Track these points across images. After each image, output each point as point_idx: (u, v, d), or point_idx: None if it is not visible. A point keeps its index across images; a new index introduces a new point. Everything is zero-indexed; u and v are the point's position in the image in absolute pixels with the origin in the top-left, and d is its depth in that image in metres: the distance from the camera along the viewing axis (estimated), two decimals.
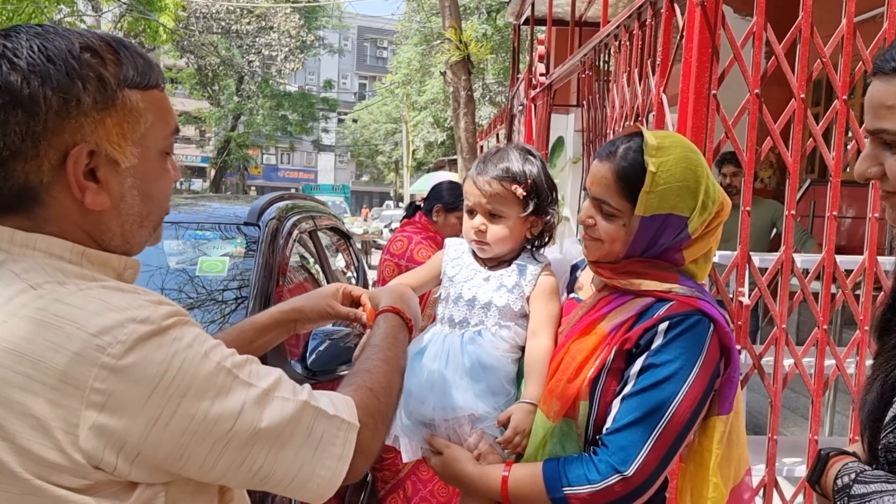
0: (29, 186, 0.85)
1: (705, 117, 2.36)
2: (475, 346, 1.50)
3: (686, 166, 1.32)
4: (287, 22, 24.71)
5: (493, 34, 19.19)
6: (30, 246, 0.86)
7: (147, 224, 0.95)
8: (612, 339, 1.34)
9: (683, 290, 1.34)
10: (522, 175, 1.52)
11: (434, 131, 27.74)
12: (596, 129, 3.82)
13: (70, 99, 0.83)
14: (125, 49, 0.90)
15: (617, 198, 1.34)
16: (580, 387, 1.33)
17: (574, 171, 6.82)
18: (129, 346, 0.78)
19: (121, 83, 0.88)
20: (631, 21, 3.05)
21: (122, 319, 0.79)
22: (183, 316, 0.85)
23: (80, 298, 0.81)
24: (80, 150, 0.85)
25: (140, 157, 0.91)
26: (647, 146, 1.32)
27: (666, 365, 1.28)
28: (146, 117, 0.90)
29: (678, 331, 1.29)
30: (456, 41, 6.92)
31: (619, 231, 1.36)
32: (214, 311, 2.41)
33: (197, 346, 0.83)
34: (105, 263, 0.91)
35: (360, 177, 49.75)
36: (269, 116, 29.91)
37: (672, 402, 1.27)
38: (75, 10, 17.14)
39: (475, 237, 1.55)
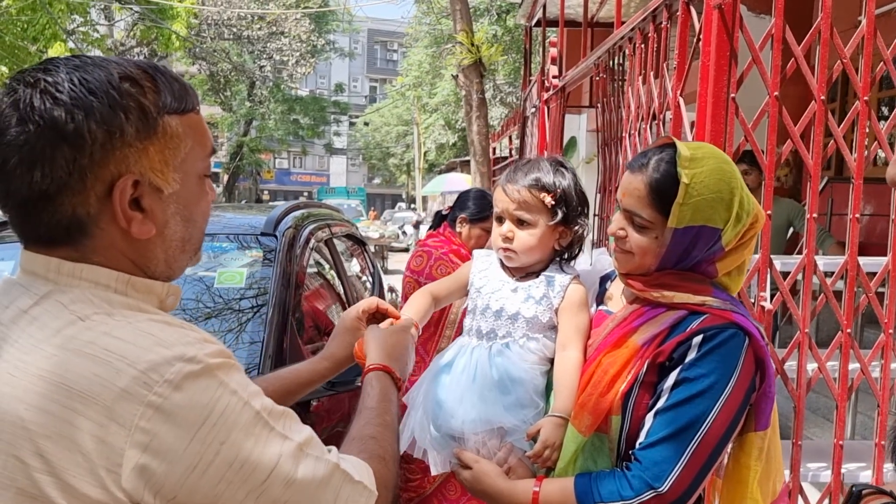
0: (77, 219, 0.86)
1: (724, 121, 2.34)
2: (503, 358, 1.49)
3: (720, 177, 1.31)
4: (298, 27, 24.83)
5: (504, 35, 19.16)
6: (76, 276, 0.87)
7: (188, 248, 0.96)
8: (645, 353, 1.32)
9: (717, 303, 1.32)
10: (552, 185, 1.52)
11: (445, 133, 27.73)
12: (611, 130, 3.80)
13: (114, 131, 0.84)
14: (161, 75, 0.91)
15: (649, 210, 1.33)
16: (612, 401, 1.32)
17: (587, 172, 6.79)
18: (176, 386, 0.79)
19: (160, 110, 0.88)
20: (645, 24, 3.03)
21: (170, 357, 0.79)
22: (229, 358, 0.85)
23: (129, 332, 0.81)
24: (126, 181, 0.86)
25: (182, 183, 0.91)
26: (681, 157, 1.31)
27: (700, 379, 1.26)
28: (186, 142, 0.91)
29: (713, 344, 1.28)
30: (467, 44, 6.91)
31: (651, 243, 1.35)
32: (233, 321, 2.42)
33: (241, 391, 0.84)
34: (150, 290, 0.92)
35: (372, 179, 49.82)
36: (280, 121, 30.06)
37: (707, 417, 1.25)
38: (88, 20, 17.28)
39: (502, 244, 1.55)
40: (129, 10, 18.13)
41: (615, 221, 1.41)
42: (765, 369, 1.32)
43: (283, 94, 29.07)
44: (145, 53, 21.95)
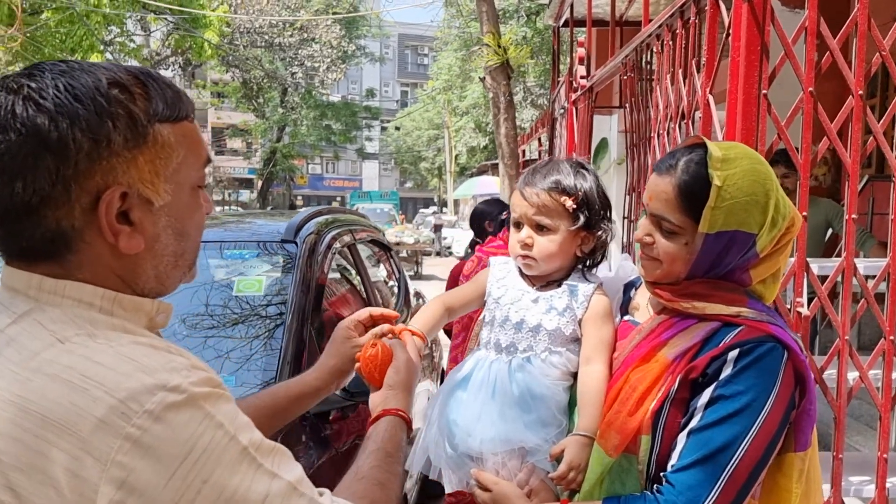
0: (61, 233, 0.81)
1: (755, 119, 2.24)
2: (524, 373, 1.41)
3: (754, 179, 1.23)
4: (328, 33, 25.05)
5: (533, 37, 19.05)
6: (59, 293, 0.82)
7: (181, 263, 0.91)
8: (676, 368, 1.24)
9: (753, 314, 1.24)
10: (573, 187, 1.44)
11: (476, 136, 27.71)
12: (640, 131, 3.70)
13: (101, 140, 0.79)
14: (153, 81, 0.86)
15: (678, 214, 1.26)
16: (642, 420, 1.24)
17: (618, 173, 6.68)
18: (157, 417, 0.73)
19: (151, 118, 0.83)
20: (673, 20, 2.94)
21: (151, 385, 0.74)
22: (217, 387, 0.80)
23: (110, 356, 0.76)
24: (113, 194, 0.81)
25: (173, 194, 0.86)
26: (712, 158, 1.23)
27: (737, 397, 1.18)
28: (178, 152, 0.86)
29: (750, 359, 1.20)
30: (494, 46, 6.85)
31: (680, 250, 1.27)
32: (252, 329, 2.40)
33: (228, 424, 0.78)
34: (138, 308, 0.87)
35: (403, 183, 50.02)
36: (313, 126, 30.39)
37: (744, 438, 1.17)
38: (125, 31, 17.66)
39: (521, 251, 1.46)
40: (164, 21, 18.46)
41: (641, 227, 1.33)
42: (805, 385, 1.23)
43: (314, 99, 29.38)
44: (180, 62, 22.37)
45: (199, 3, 16.96)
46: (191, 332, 2.36)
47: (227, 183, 37.19)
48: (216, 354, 2.27)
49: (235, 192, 38.16)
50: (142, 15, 18.13)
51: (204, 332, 2.36)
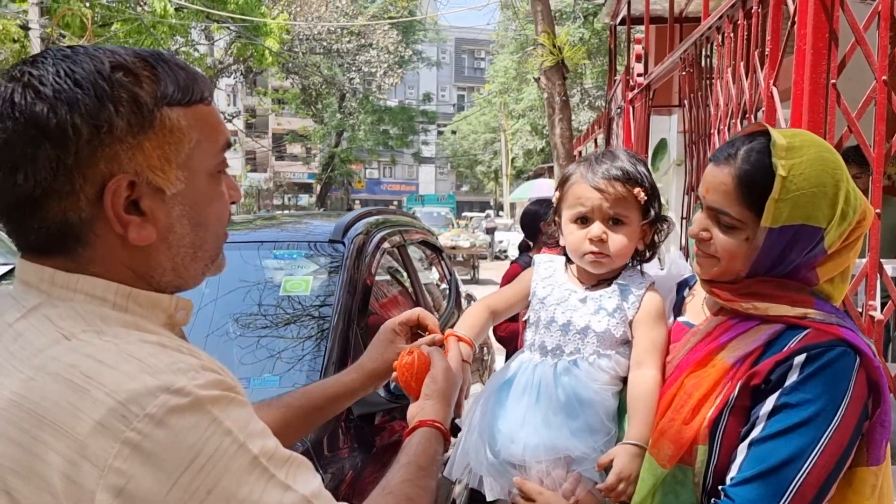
0: (69, 225, 0.77)
1: (823, 110, 2.11)
2: (571, 377, 1.34)
3: (822, 169, 1.13)
4: (385, 38, 25.29)
5: (591, 38, 18.80)
6: (71, 288, 0.78)
7: (202, 255, 0.86)
8: (737, 374, 1.15)
9: (821, 316, 1.14)
10: (639, 177, 1.36)
11: (532, 139, 27.55)
12: (698, 129, 3.57)
13: (101, 125, 0.75)
14: (163, 63, 0.81)
15: (738, 207, 1.17)
16: (698, 429, 1.16)
17: (678, 174, 6.49)
18: (158, 421, 0.68)
19: (158, 101, 0.79)
20: (735, 11, 2.82)
21: (154, 387, 0.69)
22: (229, 390, 0.74)
23: (114, 355, 0.72)
24: (118, 182, 0.76)
25: (187, 182, 0.81)
26: (776, 146, 1.13)
27: (804, 406, 1.09)
28: (190, 136, 0.81)
29: (818, 365, 1.10)
30: (549, 46, 6.75)
31: (740, 246, 1.18)
32: (298, 330, 2.39)
33: (237, 431, 0.72)
34: (155, 305, 0.82)
35: (460, 187, 50.10)
36: (370, 131, 30.77)
37: (812, 450, 1.07)
38: (189, 40, 18.23)
39: (592, 248, 1.36)
40: (227, 30, 18.98)
41: (697, 221, 1.25)
42: (879, 393, 1.13)
43: (372, 104, 29.73)
44: (242, 70, 22.96)
45: (261, 12, 17.37)
46: (238, 331, 2.37)
47: (286, 187, 37.99)
48: (263, 355, 2.27)
49: (295, 197, 38.93)
50: (206, 25, 18.69)
51: (249, 332, 2.37)
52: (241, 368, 2.28)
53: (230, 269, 2.73)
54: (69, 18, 12.14)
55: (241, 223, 3.30)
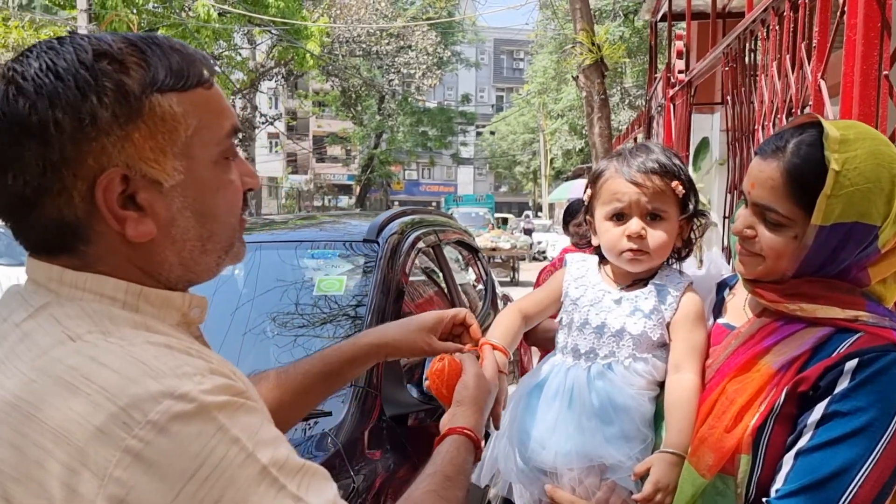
0: (67, 224, 0.74)
1: (875, 103, 2.01)
2: (605, 381, 1.29)
3: (878, 163, 1.06)
4: (424, 40, 25.36)
5: (632, 36, 18.55)
6: (79, 286, 0.75)
7: (212, 247, 0.82)
8: (782, 379, 1.09)
9: (873, 319, 1.07)
10: (676, 170, 1.31)
11: (571, 139, 27.33)
12: (742, 126, 3.46)
13: (83, 118, 0.71)
14: (155, 47, 0.76)
15: (787, 203, 1.10)
16: (741, 437, 1.10)
17: (720, 174, 6.34)
18: (161, 428, 0.65)
19: (147, 88, 0.74)
20: (781, 2, 2.72)
21: (157, 392, 0.66)
22: (238, 395, 0.71)
23: (118, 358, 0.69)
24: (109, 177, 0.72)
25: (187, 171, 0.77)
26: (829, 139, 1.07)
27: (856, 415, 1.02)
28: (187, 123, 0.76)
29: (871, 371, 1.03)
30: (588, 44, 6.66)
31: (787, 244, 1.12)
32: (331, 329, 2.39)
33: (245, 439, 0.69)
34: (167, 304, 0.79)
35: (498, 188, 49.98)
36: (409, 133, 30.93)
37: (863, 463, 1.01)
38: (232, 44, 18.56)
39: (630, 245, 1.31)
40: (269, 34, 19.26)
41: (741, 218, 1.18)
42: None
43: (411, 106, 29.87)
44: (283, 73, 23.28)
45: (301, 16, 17.59)
46: (274, 329, 2.38)
47: (327, 189, 38.38)
48: (298, 354, 2.27)
49: (335, 198, 39.32)
50: (248, 29, 18.99)
51: (285, 331, 2.37)
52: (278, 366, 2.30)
53: (266, 268, 2.73)
54: (116, 24, 12.45)
55: (280, 223, 3.32)
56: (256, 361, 2.36)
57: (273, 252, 2.68)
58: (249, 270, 2.60)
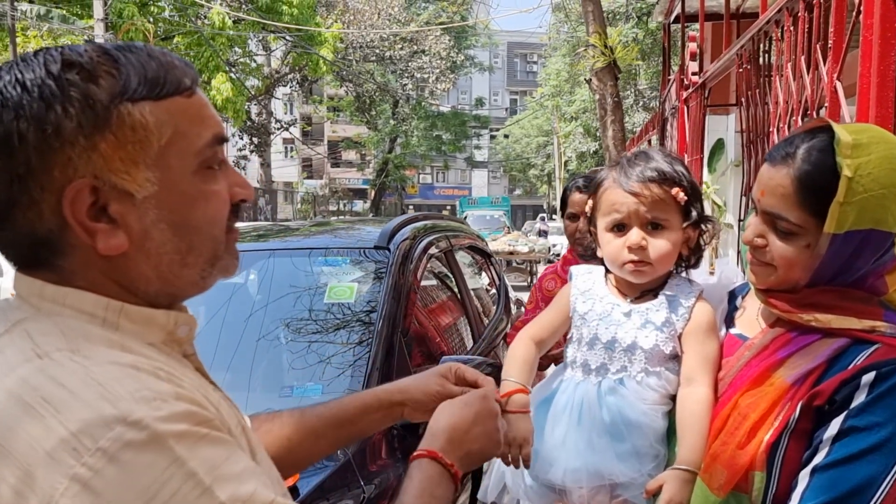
0: (40, 238, 0.72)
1: (893, 105, 1.98)
2: (617, 397, 1.26)
3: (893, 168, 1.03)
4: (438, 44, 25.40)
5: (645, 38, 18.45)
6: (59, 301, 0.73)
7: (193, 260, 0.78)
8: (797, 393, 1.06)
9: (891, 330, 1.04)
10: (677, 177, 1.28)
11: (585, 141, 27.21)
12: (756, 128, 3.42)
13: (46, 128, 0.69)
14: (130, 55, 0.74)
15: (798, 211, 1.07)
16: (754, 454, 1.07)
17: (735, 175, 6.28)
18: (111, 457, 0.61)
19: (117, 97, 0.72)
20: (795, 3, 2.69)
21: (110, 417, 0.62)
22: (200, 424, 0.66)
23: (78, 378, 0.65)
24: (76, 188, 0.70)
25: (161, 182, 0.74)
26: (841, 144, 1.03)
27: (873, 430, 0.99)
28: (160, 133, 0.74)
29: (889, 384, 1.00)
30: (601, 46, 6.62)
31: (799, 253, 1.08)
32: (343, 336, 2.38)
33: (203, 473, 0.64)
34: (149, 321, 0.77)
35: (513, 191, 49.88)
36: (423, 137, 30.97)
37: (882, 480, 0.97)
38: (247, 51, 18.68)
39: (631, 256, 1.28)
40: (283, 40, 19.37)
41: (751, 227, 1.15)
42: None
43: (425, 110, 29.91)
44: (298, 79, 23.41)
45: (315, 22, 17.67)
46: (287, 336, 2.38)
47: (342, 193, 38.50)
48: (310, 361, 2.27)
49: (350, 203, 39.43)
50: (263, 35, 19.10)
51: (297, 338, 2.37)
52: (289, 374, 2.29)
53: (279, 275, 2.72)
54: (132, 33, 12.58)
55: (292, 230, 3.32)
56: (269, 368, 2.37)
57: (286, 259, 2.68)
58: (263, 277, 2.61)
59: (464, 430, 1.00)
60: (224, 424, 0.72)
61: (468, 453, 1.00)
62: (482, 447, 1.02)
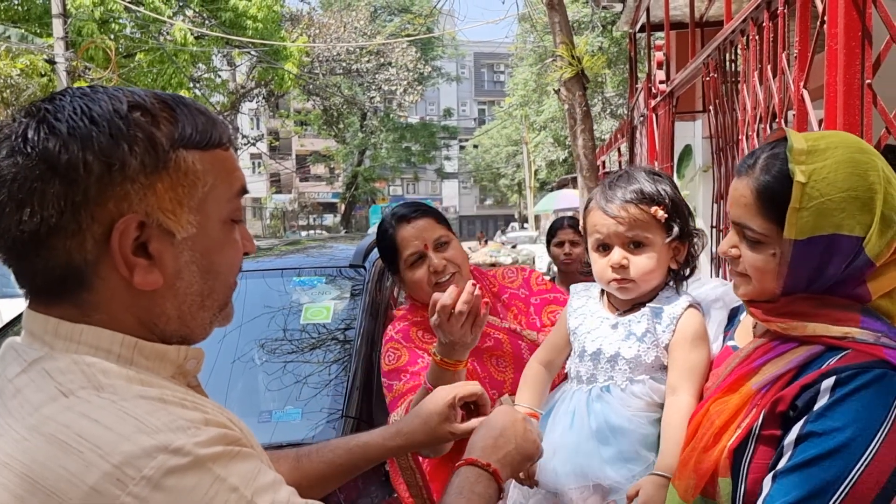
0: (73, 267, 0.75)
1: (859, 112, 2.01)
2: (602, 403, 1.33)
3: (851, 171, 1.03)
4: (404, 56, 25.41)
5: (611, 46, 18.69)
6: (74, 339, 0.75)
7: (210, 304, 0.83)
8: (763, 399, 1.07)
9: (866, 336, 1.04)
10: (658, 195, 1.34)
11: (555, 150, 27.43)
12: (726, 135, 3.46)
13: (113, 163, 0.73)
14: (183, 106, 0.81)
15: (760, 219, 1.09)
16: (718, 459, 1.08)
17: (704, 181, 6.36)
18: (156, 484, 0.65)
19: (175, 143, 0.77)
20: (759, 12, 2.73)
21: (150, 447, 0.66)
22: (232, 444, 0.72)
23: (111, 413, 0.69)
24: (128, 222, 0.74)
25: (199, 227, 0.79)
26: (793, 151, 1.05)
27: (832, 434, 0.99)
28: (205, 180, 0.79)
29: (850, 388, 1.00)
30: (568, 57, 6.69)
31: (767, 262, 1.09)
32: (320, 356, 2.34)
33: (243, 487, 0.69)
34: (162, 357, 0.80)
35: (484, 201, 50.05)
36: (392, 149, 30.93)
37: (839, 485, 0.97)
38: (211, 67, 18.49)
39: (614, 275, 1.35)
40: (248, 55, 19.22)
41: (726, 239, 1.17)
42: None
43: (393, 122, 29.89)
44: (264, 94, 23.22)
45: (280, 36, 17.56)
46: (263, 358, 2.34)
47: (311, 208, 38.26)
48: (287, 382, 2.23)
49: (320, 217, 39.19)
50: (227, 51, 18.93)
51: (274, 358, 2.33)
52: (266, 396, 2.25)
53: (253, 296, 2.67)
54: (93, 51, 12.37)
55: (264, 249, 3.27)
56: (245, 392, 2.32)
57: (259, 280, 2.63)
58: (236, 299, 2.56)
59: (494, 436, 1.10)
60: (248, 441, 0.77)
61: (506, 455, 1.08)
62: (518, 447, 1.10)
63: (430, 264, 1.73)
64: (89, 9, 12.83)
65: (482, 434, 1.11)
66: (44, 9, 12.84)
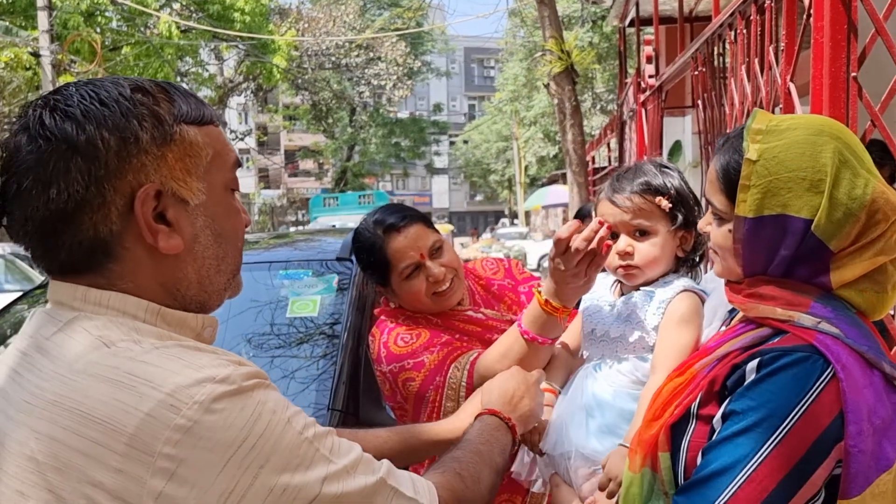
0: (100, 239, 0.82)
1: (845, 105, 2.01)
2: (591, 379, 1.42)
3: (802, 152, 1.03)
4: (394, 50, 25.33)
5: (601, 41, 18.73)
6: (102, 304, 0.83)
7: (224, 268, 0.91)
8: (704, 380, 1.10)
9: (806, 321, 1.03)
10: (664, 186, 1.41)
11: (545, 145, 27.48)
12: (714, 129, 3.47)
13: (128, 137, 0.81)
14: (176, 89, 0.90)
15: (719, 196, 1.12)
16: (657, 434, 1.11)
17: (694, 176, 6.39)
18: (207, 408, 0.74)
19: (176, 118, 0.86)
20: (747, 6, 2.73)
21: (200, 378, 0.75)
22: (264, 379, 0.82)
23: (156, 356, 0.77)
24: (147, 191, 0.82)
25: (207, 193, 0.88)
26: (749, 130, 1.07)
27: (746, 414, 1.00)
28: (206, 151, 0.88)
29: (770, 369, 1.00)
30: (557, 51, 6.68)
31: (726, 238, 1.12)
32: (307, 350, 2.33)
33: (280, 411, 0.79)
34: (182, 323, 0.87)
35: (473, 196, 50.07)
36: (382, 144, 30.85)
37: (746, 463, 0.98)
38: (198, 60, 18.37)
39: (621, 262, 1.41)
40: (236, 48, 19.10)
41: (704, 217, 1.22)
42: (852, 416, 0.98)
43: (382, 117, 29.82)
44: (252, 88, 23.08)
45: (268, 30, 17.46)
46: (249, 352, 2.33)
47: (300, 203, 38.14)
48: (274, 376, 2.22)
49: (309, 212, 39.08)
50: (214, 45, 18.80)
51: (261, 352, 2.32)
52: None
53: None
54: (79, 44, 12.26)
55: (251, 243, 3.26)
56: None
57: (246, 273, 2.61)
58: None
59: (511, 393, 1.32)
60: None
61: (522, 415, 1.29)
62: (531, 408, 1.33)
63: (428, 274, 1.68)
64: (75, 1, 12.70)
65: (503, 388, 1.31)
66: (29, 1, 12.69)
